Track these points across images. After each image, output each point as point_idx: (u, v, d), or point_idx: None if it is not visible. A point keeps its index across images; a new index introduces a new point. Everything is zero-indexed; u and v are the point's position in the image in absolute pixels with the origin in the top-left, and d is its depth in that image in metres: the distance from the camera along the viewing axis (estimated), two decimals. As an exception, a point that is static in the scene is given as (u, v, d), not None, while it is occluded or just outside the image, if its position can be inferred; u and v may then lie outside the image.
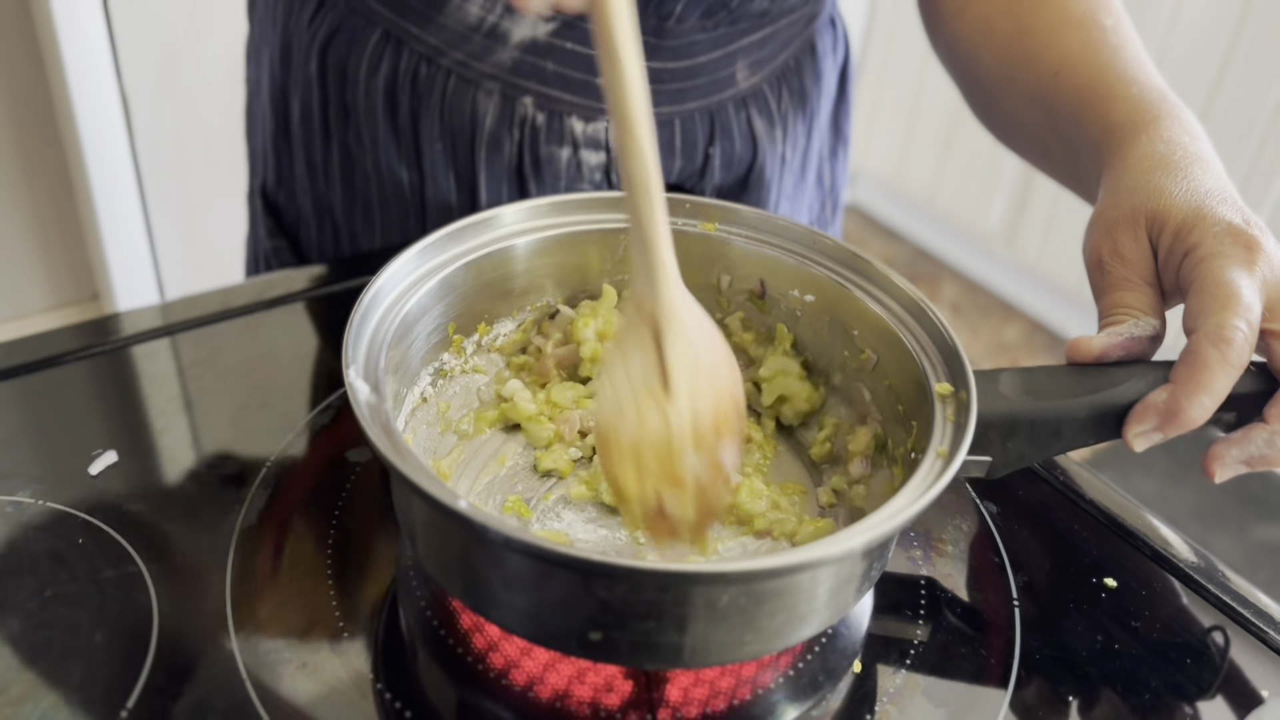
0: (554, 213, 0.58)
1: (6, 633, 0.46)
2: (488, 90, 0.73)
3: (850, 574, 0.44)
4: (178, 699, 0.43)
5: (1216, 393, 0.46)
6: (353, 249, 0.85)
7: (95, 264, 1.97)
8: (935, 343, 0.51)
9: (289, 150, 0.85)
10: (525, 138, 0.75)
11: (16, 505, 0.52)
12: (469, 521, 0.38)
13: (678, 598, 0.40)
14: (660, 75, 0.74)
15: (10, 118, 1.81)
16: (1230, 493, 1.96)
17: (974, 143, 2.39)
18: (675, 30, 0.72)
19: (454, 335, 0.55)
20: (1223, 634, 0.52)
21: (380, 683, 0.45)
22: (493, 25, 0.71)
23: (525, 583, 0.41)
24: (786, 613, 0.42)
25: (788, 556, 0.38)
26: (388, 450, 0.40)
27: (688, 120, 0.77)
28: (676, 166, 0.78)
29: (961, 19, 0.73)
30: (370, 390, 0.44)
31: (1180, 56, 1.98)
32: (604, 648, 0.42)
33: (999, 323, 2.39)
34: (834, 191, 0.94)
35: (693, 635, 0.41)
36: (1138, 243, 0.53)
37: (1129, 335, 0.50)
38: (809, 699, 0.47)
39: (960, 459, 0.43)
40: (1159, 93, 0.60)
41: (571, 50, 0.71)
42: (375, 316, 0.49)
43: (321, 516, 0.53)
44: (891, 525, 0.40)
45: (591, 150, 0.76)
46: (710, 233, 0.58)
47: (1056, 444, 0.49)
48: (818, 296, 0.57)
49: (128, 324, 0.66)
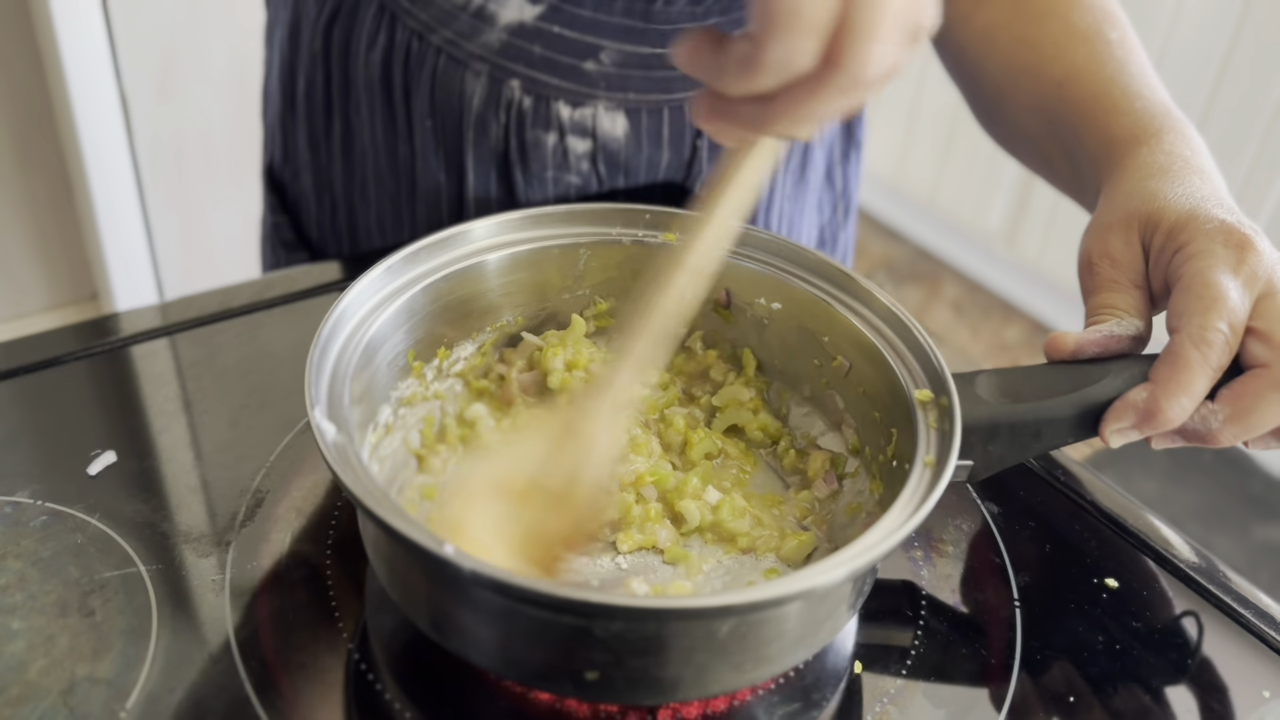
0: (512, 229, 0.56)
1: (5, 633, 0.46)
2: (476, 71, 0.73)
3: (843, 595, 0.44)
4: (178, 699, 0.43)
5: (1195, 393, 0.47)
6: (350, 225, 0.85)
7: (94, 264, 1.97)
8: (910, 348, 0.50)
9: (294, 126, 0.86)
10: (512, 121, 0.74)
11: (16, 505, 0.52)
12: (452, 566, 0.37)
13: (675, 631, 0.39)
14: (648, 61, 0.73)
15: (10, 117, 1.81)
16: (1231, 493, 1.96)
17: (974, 143, 2.39)
18: (663, 13, 0.71)
19: (414, 362, 0.53)
20: (1217, 632, 0.51)
21: (380, 683, 0.45)
22: (480, 6, 0.71)
23: (516, 626, 0.41)
24: (780, 640, 0.42)
25: (784, 585, 0.38)
26: (363, 494, 0.39)
27: (675, 110, 0.76)
28: (664, 159, 0.78)
29: (966, 27, 0.72)
30: (336, 430, 0.42)
31: (1180, 57, 1.98)
32: (599, 686, 0.41)
33: (1000, 323, 2.39)
34: (846, 195, 0.93)
35: (689, 667, 0.40)
36: (1129, 245, 0.53)
37: (1108, 333, 0.50)
38: (809, 700, 0.47)
39: (951, 467, 0.43)
40: (1162, 107, 0.60)
41: (559, 35, 0.71)
42: (335, 347, 0.47)
43: (321, 516, 0.53)
44: (897, 537, 0.40)
45: (578, 137, 0.75)
46: (671, 243, 0.56)
47: (1037, 444, 0.49)
48: (785, 304, 0.56)
49: (127, 324, 0.65)
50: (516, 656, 0.42)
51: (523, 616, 0.40)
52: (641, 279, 0.44)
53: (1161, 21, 1.99)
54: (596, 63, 0.72)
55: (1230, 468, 2.00)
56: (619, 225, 0.57)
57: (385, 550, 0.44)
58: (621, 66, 0.73)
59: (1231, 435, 0.48)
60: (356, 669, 0.46)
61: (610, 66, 0.73)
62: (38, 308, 2.01)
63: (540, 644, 0.41)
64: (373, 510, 0.38)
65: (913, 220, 2.69)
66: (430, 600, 0.43)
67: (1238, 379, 0.48)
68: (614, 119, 0.75)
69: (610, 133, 0.75)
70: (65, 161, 1.89)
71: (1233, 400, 0.47)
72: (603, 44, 0.72)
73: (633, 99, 0.75)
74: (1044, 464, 0.61)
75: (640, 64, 0.73)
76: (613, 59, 0.72)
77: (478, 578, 0.37)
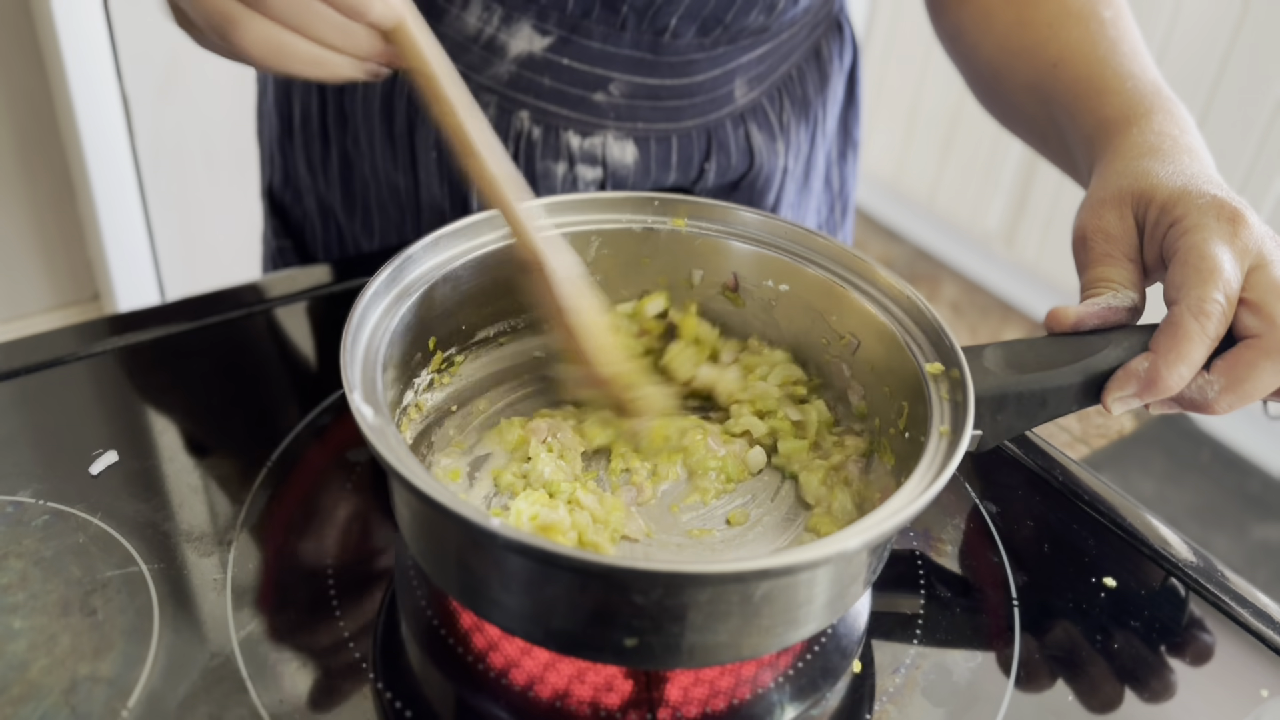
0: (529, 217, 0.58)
1: (7, 632, 0.46)
2: (484, 103, 0.73)
3: (864, 561, 0.45)
4: (178, 699, 0.43)
5: (1194, 362, 0.48)
6: (355, 250, 0.85)
7: (96, 264, 1.97)
8: (918, 323, 0.52)
9: (292, 151, 0.85)
10: (521, 152, 0.75)
11: (17, 505, 0.52)
12: (497, 537, 0.38)
13: (711, 596, 0.40)
14: (657, 92, 0.73)
15: (11, 118, 1.81)
16: (1229, 493, 1.96)
17: (974, 143, 2.39)
18: (672, 46, 0.72)
19: (435, 350, 0.55)
20: (1215, 631, 0.52)
21: (380, 683, 0.45)
22: (490, 37, 0.70)
23: (559, 596, 0.41)
24: (809, 604, 0.43)
25: (815, 550, 0.39)
26: (409, 474, 0.40)
27: (684, 137, 0.77)
28: (671, 179, 0.78)
29: (963, 10, 0.73)
30: (374, 413, 0.43)
31: (1180, 56, 1.98)
32: (639, 653, 0.42)
33: (999, 323, 2.39)
34: (844, 195, 0.94)
35: (724, 632, 0.41)
36: (1123, 220, 0.54)
37: (1105, 305, 0.52)
38: (808, 699, 0.47)
39: (968, 435, 0.44)
40: (1153, 87, 0.61)
41: (568, 66, 0.71)
42: (365, 334, 0.48)
43: (321, 516, 0.53)
44: (921, 502, 0.41)
45: (588, 166, 0.75)
46: (680, 229, 0.59)
47: (1043, 413, 0.51)
48: (793, 285, 0.58)
49: (128, 324, 0.66)
50: (558, 627, 0.42)
51: (564, 586, 0.41)
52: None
53: (1161, 20, 1.99)
54: (605, 94, 0.72)
55: (1228, 467, 2.01)
56: (629, 212, 0.59)
57: (425, 529, 0.45)
58: (630, 98, 0.73)
59: (1227, 404, 0.50)
60: (358, 668, 0.46)
61: (619, 98, 0.73)
62: (39, 308, 2.01)
63: (581, 613, 0.42)
64: (421, 489, 0.39)
65: (912, 220, 2.69)
66: (472, 575, 0.44)
67: (1231, 350, 0.49)
68: (623, 147, 0.75)
69: (620, 160, 0.76)
70: (67, 162, 1.89)
71: (1227, 370, 0.49)
72: (612, 75, 0.72)
73: (641, 128, 0.75)
74: (1043, 464, 0.61)
75: (649, 95, 0.73)
76: (622, 90, 0.73)
77: (523, 548, 0.38)
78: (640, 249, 0.59)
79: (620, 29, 0.70)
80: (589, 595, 0.41)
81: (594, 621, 0.41)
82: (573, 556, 0.38)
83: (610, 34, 0.70)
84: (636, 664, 0.43)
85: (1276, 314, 0.48)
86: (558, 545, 0.38)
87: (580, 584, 0.40)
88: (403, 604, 0.49)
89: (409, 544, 0.47)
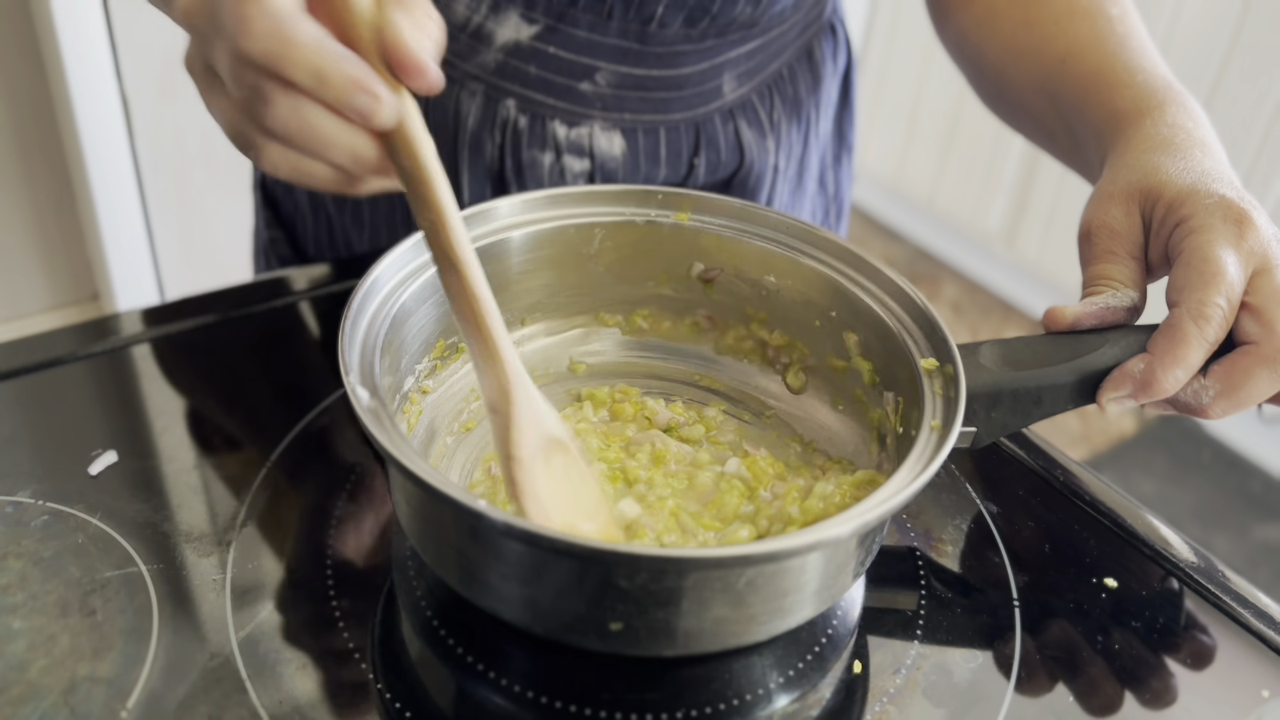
0: (533, 208, 0.58)
1: (6, 633, 0.46)
2: (471, 91, 0.73)
3: (851, 551, 0.45)
4: (178, 699, 0.43)
5: (1190, 366, 0.48)
6: (345, 242, 0.85)
7: (95, 264, 1.97)
8: (915, 320, 0.52)
9: None
10: (507, 141, 0.74)
11: (16, 505, 0.52)
12: (485, 520, 0.39)
13: (696, 582, 0.41)
14: (644, 83, 0.73)
15: (10, 118, 1.81)
16: (1230, 493, 1.96)
17: (974, 143, 2.39)
18: (659, 36, 0.71)
19: (438, 339, 0.55)
20: (1216, 631, 0.52)
21: (380, 683, 0.45)
22: (478, 25, 0.70)
23: (544, 579, 0.42)
24: (796, 592, 0.43)
25: (798, 538, 0.40)
26: (400, 455, 0.40)
27: (672, 130, 0.76)
28: (661, 174, 0.78)
29: (967, 12, 0.73)
30: (370, 396, 0.44)
31: (1180, 55, 1.98)
32: (623, 637, 0.42)
33: (999, 323, 2.39)
34: (838, 198, 0.94)
35: (708, 618, 0.42)
36: (1129, 216, 0.54)
37: (1104, 305, 0.52)
38: (808, 699, 0.47)
39: (957, 430, 0.44)
40: (1164, 80, 0.60)
41: (554, 55, 0.71)
42: (365, 319, 0.49)
43: (321, 516, 0.53)
44: (906, 494, 0.41)
45: (575, 156, 0.75)
46: (684, 223, 0.59)
47: (1037, 411, 0.51)
48: (791, 279, 0.58)
49: (128, 324, 0.66)
50: (544, 610, 0.43)
51: (550, 568, 0.41)
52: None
53: (1163, 19, 1.99)
54: (592, 84, 0.72)
55: (1229, 468, 2.00)
56: (633, 205, 0.59)
57: (419, 511, 0.45)
58: (617, 88, 0.73)
59: (1221, 410, 0.50)
60: (357, 668, 0.46)
61: (606, 88, 0.73)
62: (39, 308, 2.01)
63: (567, 596, 0.42)
64: (412, 470, 0.39)
65: (912, 220, 2.69)
66: (462, 556, 0.44)
67: (1228, 355, 0.49)
68: (611, 138, 0.75)
69: (608, 152, 0.75)
70: (66, 162, 1.89)
71: (1223, 376, 0.49)
72: (598, 65, 0.72)
73: (629, 119, 0.75)
74: (1043, 464, 0.61)
75: (636, 85, 0.73)
76: (608, 80, 0.73)
77: (509, 530, 0.38)
78: (643, 241, 0.60)
79: (607, 18, 0.70)
80: (571, 576, 0.41)
81: (579, 604, 0.42)
82: (556, 538, 0.38)
83: (597, 23, 0.70)
84: (621, 648, 0.44)
85: (1277, 321, 0.48)
86: (541, 527, 0.39)
87: (564, 566, 0.41)
88: (403, 604, 0.49)
89: (405, 530, 0.48)
